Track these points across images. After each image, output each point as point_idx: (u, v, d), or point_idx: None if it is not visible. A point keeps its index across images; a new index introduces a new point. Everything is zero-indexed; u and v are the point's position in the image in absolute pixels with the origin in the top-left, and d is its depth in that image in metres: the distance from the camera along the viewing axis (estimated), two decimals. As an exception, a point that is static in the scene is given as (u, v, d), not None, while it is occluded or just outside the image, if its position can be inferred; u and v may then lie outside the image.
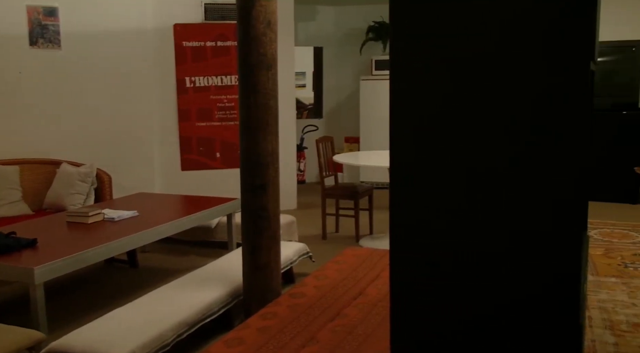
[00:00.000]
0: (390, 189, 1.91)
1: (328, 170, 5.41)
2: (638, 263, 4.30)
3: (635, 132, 6.41)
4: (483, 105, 1.77)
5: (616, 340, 3.02)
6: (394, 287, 1.92)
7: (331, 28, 8.15)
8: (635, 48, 6.48)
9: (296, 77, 7.82)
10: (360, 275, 3.62)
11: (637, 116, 6.41)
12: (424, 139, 1.84)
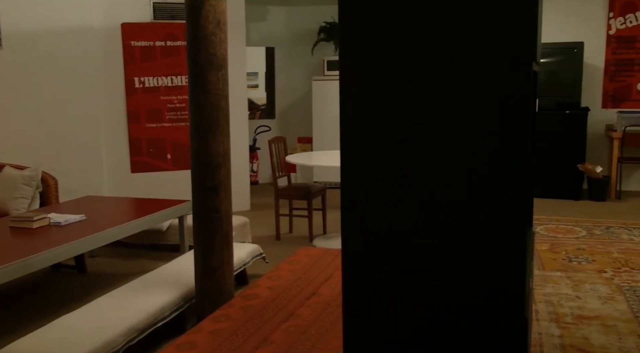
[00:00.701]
0: (342, 189, 1.92)
1: (281, 171, 5.40)
2: (582, 257, 4.46)
3: (578, 131, 6.63)
4: (429, 105, 1.80)
5: (561, 332, 3.12)
6: (346, 286, 1.94)
7: (283, 28, 8.14)
8: (577, 49, 6.71)
9: (248, 77, 7.78)
10: (313, 275, 3.63)
11: (579, 115, 6.64)
12: (373, 139, 1.86)
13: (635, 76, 6.98)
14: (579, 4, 7.03)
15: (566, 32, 7.03)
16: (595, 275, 4.02)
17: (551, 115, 6.68)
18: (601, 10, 6.98)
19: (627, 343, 2.99)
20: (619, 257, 4.43)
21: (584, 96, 7.00)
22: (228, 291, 3.31)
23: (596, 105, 7.11)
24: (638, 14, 6.85)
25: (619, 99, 7.07)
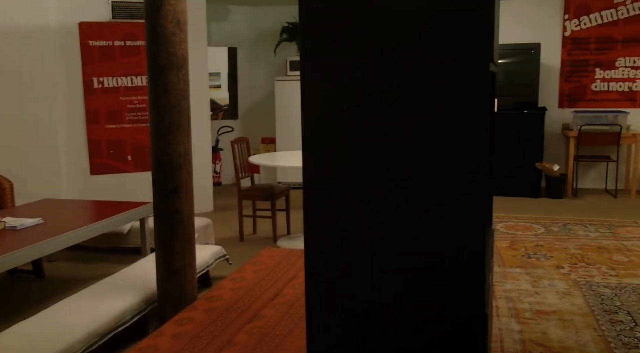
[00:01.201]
0: (304, 189, 1.92)
1: (244, 171, 5.37)
2: (540, 253, 4.56)
3: (536, 130, 6.79)
4: (388, 105, 1.81)
5: (521, 327, 3.19)
6: (309, 285, 1.94)
7: (245, 28, 8.10)
8: (533, 50, 6.87)
9: (211, 77, 7.72)
10: (277, 275, 3.62)
11: (537, 115, 6.79)
12: (334, 139, 1.86)
13: (589, 76, 7.18)
14: (535, 6, 7.19)
15: (523, 33, 7.19)
16: (553, 271, 4.12)
17: (510, 115, 6.82)
18: (557, 12, 7.16)
19: (583, 336, 3.07)
20: (576, 253, 4.55)
21: (541, 96, 7.17)
22: (191, 294, 3.28)
23: (553, 105, 7.28)
24: (592, 16, 7.05)
25: (575, 99, 7.26)
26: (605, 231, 5.21)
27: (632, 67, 7.05)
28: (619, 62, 7.07)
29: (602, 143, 6.73)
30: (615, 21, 7.00)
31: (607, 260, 4.37)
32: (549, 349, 2.92)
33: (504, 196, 6.84)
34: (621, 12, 6.97)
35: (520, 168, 6.84)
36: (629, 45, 7.02)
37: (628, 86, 7.10)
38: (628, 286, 3.81)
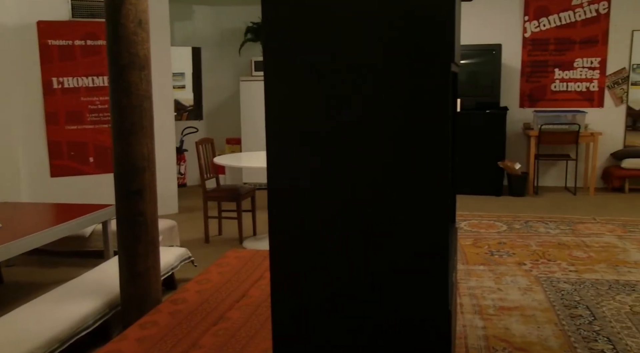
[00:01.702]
0: (269, 190, 1.92)
1: (209, 172, 5.32)
2: (503, 251, 4.64)
3: (498, 129, 6.91)
4: (350, 105, 1.82)
5: (484, 323, 3.24)
6: (274, 286, 1.93)
7: (209, 28, 8.03)
8: (495, 51, 6.99)
9: (175, 78, 7.63)
10: (243, 276, 3.60)
11: (499, 114, 6.91)
12: (298, 139, 1.86)
13: (549, 76, 7.34)
14: (496, 8, 7.32)
15: (485, 34, 7.31)
16: (515, 268, 4.20)
17: (472, 114, 6.92)
18: (517, 13, 7.30)
19: (544, 331, 3.14)
20: (537, 250, 4.64)
21: (503, 96, 7.30)
22: (155, 297, 3.24)
23: (514, 104, 7.43)
24: (550, 18, 7.21)
25: (535, 99, 7.42)
26: (565, 228, 5.33)
27: (589, 67, 7.24)
28: (577, 63, 7.25)
29: (562, 141, 6.89)
30: (573, 23, 7.17)
31: (567, 256, 4.48)
32: (511, 344, 2.98)
33: (467, 194, 6.94)
34: (579, 14, 7.15)
35: (483, 167, 6.95)
36: (587, 46, 7.20)
37: (586, 86, 7.29)
38: (587, 281, 3.91)
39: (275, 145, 1.90)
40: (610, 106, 7.29)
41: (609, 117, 7.29)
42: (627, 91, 7.23)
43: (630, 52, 7.15)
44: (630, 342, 2.99)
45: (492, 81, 7.02)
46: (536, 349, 2.92)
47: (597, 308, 3.45)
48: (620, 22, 7.10)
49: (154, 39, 5.23)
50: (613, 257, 4.42)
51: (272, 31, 1.85)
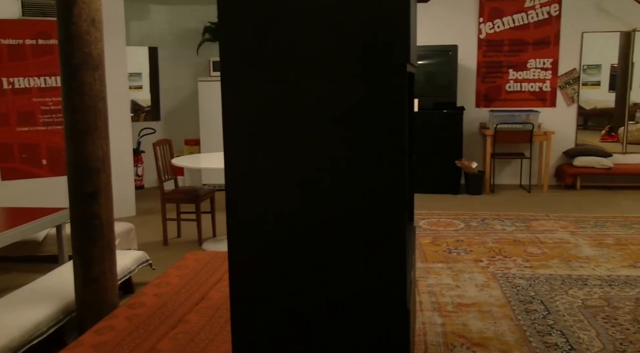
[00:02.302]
0: (226, 191, 1.90)
1: (167, 174, 5.25)
2: (460, 248, 4.72)
3: (455, 129, 7.02)
4: (308, 106, 1.82)
5: (443, 320, 3.29)
6: (233, 288, 1.92)
7: (166, 28, 7.91)
8: (451, 52, 7.10)
9: (131, 78, 7.50)
10: (202, 279, 3.57)
11: (456, 114, 7.03)
12: (255, 139, 1.85)
13: (503, 77, 7.50)
14: (452, 9, 7.44)
15: (442, 35, 7.42)
16: (472, 265, 4.28)
17: (430, 114, 7.02)
18: (472, 15, 7.44)
19: (501, 327, 3.20)
20: (494, 247, 4.74)
21: (459, 96, 7.42)
22: (111, 302, 3.17)
23: (470, 104, 7.56)
24: (504, 20, 7.37)
25: (490, 98, 7.57)
26: (520, 225, 5.46)
27: (542, 68, 7.42)
28: (530, 64, 7.43)
29: (516, 140, 7.04)
30: (526, 24, 7.35)
31: (522, 252, 4.58)
32: (469, 340, 3.03)
33: (426, 193, 7.03)
34: (531, 16, 7.32)
35: (441, 166, 7.06)
36: (539, 47, 7.39)
37: (539, 87, 7.47)
38: (541, 276, 4.01)
39: (232, 145, 1.88)
40: (562, 105, 7.50)
41: (561, 116, 7.49)
42: (578, 91, 7.45)
43: (580, 53, 7.37)
44: (582, 334, 3.08)
45: (449, 82, 7.13)
46: (493, 344, 2.98)
47: (551, 302, 3.54)
48: (571, 24, 7.31)
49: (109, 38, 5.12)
50: (566, 253, 4.55)
51: (229, 31, 1.84)
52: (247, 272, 1.91)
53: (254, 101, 1.84)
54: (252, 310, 1.92)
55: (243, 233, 1.90)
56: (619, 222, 5.50)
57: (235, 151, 1.88)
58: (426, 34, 7.29)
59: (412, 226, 2.70)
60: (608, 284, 3.83)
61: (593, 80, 7.44)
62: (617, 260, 4.34)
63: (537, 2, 7.28)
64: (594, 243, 4.80)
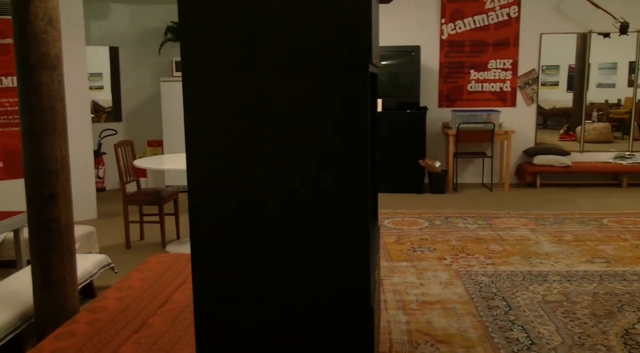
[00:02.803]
0: (189, 192, 1.88)
1: (129, 176, 5.17)
2: (424, 247, 4.78)
3: (418, 128, 7.09)
4: (269, 107, 1.82)
5: (407, 318, 3.32)
6: (196, 290, 1.90)
7: (127, 27, 7.79)
8: (414, 53, 7.17)
9: (92, 78, 7.36)
10: (166, 281, 3.52)
11: (419, 114, 7.10)
12: (217, 141, 1.84)
13: (465, 77, 7.61)
14: (415, 10, 7.51)
15: (404, 36, 7.48)
16: (436, 263, 4.33)
17: (394, 114, 7.07)
18: (434, 16, 7.53)
19: (464, 323, 3.25)
20: (457, 245, 4.80)
21: (422, 96, 7.50)
22: (72, 307, 3.10)
23: (433, 104, 7.65)
24: (466, 21, 7.48)
25: (453, 99, 7.67)
26: (482, 223, 5.55)
27: (502, 69, 7.56)
28: (490, 64, 7.56)
29: (478, 140, 7.16)
30: (486, 26, 7.48)
31: (485, 250, 4.66)
32: (433, 337, 3.06)
33: (390, 192, 7.08)
34: (491, 17, 7.45)
35: (405, 166, 7.12)
36: (499, 48, 7.52)
37: (499, 87, 7.61)
38: (503, 273, 4.08)
39: (194, 147, 1.86)
40: (522, 105, 7.66)
41: (521, 116, 7.65)
42: (537, 91, 7.61)
43: (539, 54, 7.53)
44: (542, 329, 3.15)
45: (412, 82, 7.20)
46: (456, 341, 3.02)
47: (512, 298, 3.61)
48: (530, 26, 7.47)
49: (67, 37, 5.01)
50: (526, 249, 4.64)
51: (190, 31, 1.82)
52: (211, 274, 1.90)
53: (215, 102, 1.83)
54: (215, 312, 1.91)
55: (206, 235, 1.88)
56: (577, 219, 5.65)
57: (198, 153, 1.86)
58: (389, 35, 7.34)
59: (376, 225, 2.71)
60: (567, 279, 3.93)
61: (551, 80, 7.61)
62: (575, 256, 4.45)
63: (497, 3, 7.41)
64: (553, 239, 4.92)
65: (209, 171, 1.86)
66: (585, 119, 7.63)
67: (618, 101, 7.60)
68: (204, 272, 1.90)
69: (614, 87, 7.57)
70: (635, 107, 7.57)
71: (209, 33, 1.81)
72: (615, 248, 4.65)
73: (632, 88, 7.54)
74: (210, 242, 1.89)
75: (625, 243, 4.79)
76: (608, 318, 3.28)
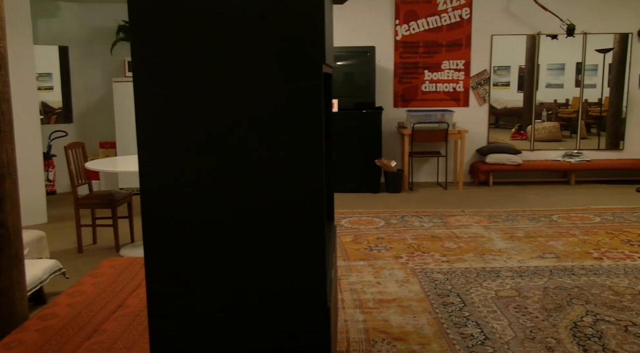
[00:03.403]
0: (141, 194, 1.85)
1: (81, 178, 5.04)
2: (381, 245, 4.82)
3: (374, 128, 7.15)
4: (223, 108, 1.80)
5: (365, 317, 3.34)
6: (150, 294, 1.87)
7: (77, 26, 7.60)
8: (369, 53, 7.23)
9: (41, 79, 7.15)
10: (119, 286, 3.45)
11: (375, 114, 7.16)
12: (169, 143, 1.81)
13: (419, 78, 7.72)
14: (369, 11, 7.58)
15: (360, 37, 7.53)
16: (393, 261, 4.38)
17: (350, 114, 7.11)
18: (388, 17, 7.61)
19: (420, 320, 3.29)
20: (412, 243, 4.87)
21: (378, 96, 7.57)
22: (21, 314, 3.01)
23: (389, 104, 7.73)
24: (419, 22, 7.59)
25: (407, 99, 7.77)
26: (437, 221, 5.63)
27: (455, 69, 7.70)
28: (444, 65, 7.68)
29: (433, 139, 7.27)
30: (439, 27, 7.60)
31: (440, 247, 4.73)
32: (390, 335, 3.09)
33: (347, 192, 7.12)
34: (444, 18, 7.58)
35: (361, 165, 7.17)
36: (452, 49, 7.66)
37: (452, 87, 7.75)
38: (457, 270, 4.16)
39: (147, 148, 1.83)
40: (475, 105, 7.81)
41: (474, 115, 7.80)
42: (489, 91, 7.78)
43: (490, 55, 7.70)
44: (495, 324, 3.22)
45: (368, 82, 7.26)
46: (412, 338, 3.06)
47: (466, 295, 3.67)
48: (481, 27, 7.62)
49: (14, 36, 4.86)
50: (480, 246, 4.74)
51: (140, 30, 1.79)
52: (165, 277, 1.87)
53: (167, 102, 1.80)
54: (170, 316, 1.88)
55: (159, 237, 1.85)
56: (528, 216, 5.80)
57: (150, 155, 1.83)
58: (344, 36, 7.38)
59: (332, 225, 2.72)
60: (519, 275, 4.03)
61: (503, 81, 7.79)
62: (526, 252, 4.57)
63: (450, 5, 7.54)
64: (505, 236, 5.03)
65: (161, 172, 1.83)
66: (535, 118, 7.84)
67: (566, 100, 7.83)
68: (158, 275, 1.87)
69: (562, 87, 7.81)
70: (582, 107, 7.82)
71: (159, 33, 1.78)
72: (565, 243, 4.79)
73: (579, 88, 7.78)
74: (164, 245, 1.86)
75: (573, 238, 4.94)
76: (558, 311, 3.38)
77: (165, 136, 1.81)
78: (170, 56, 1.79)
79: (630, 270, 4.10)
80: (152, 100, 1.81)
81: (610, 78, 7.75)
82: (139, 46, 1.79)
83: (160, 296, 1.88)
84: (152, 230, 1.85)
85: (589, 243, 4.80)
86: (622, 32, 7.66)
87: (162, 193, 1.84)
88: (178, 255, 1.86)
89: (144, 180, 1.84)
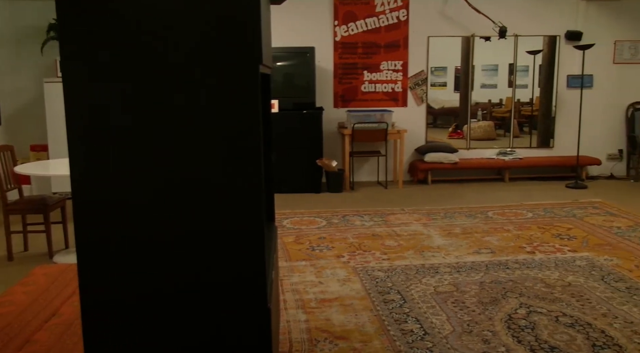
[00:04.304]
0: (73, 199, 1.79)
1: (10, 183, 4.83)
2: (323, 245, 4.84)
3: (315, 129, 7.18)
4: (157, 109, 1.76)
5: (307, 316, 3.35)
6: (84, 301, 1.80)
7: (4, 24, 7.27)
8: (309, 54, 7.25)
9: (-35, 79, 6.80)
10: (52, 294, 3.32)
11: (315, 114, 7.18)
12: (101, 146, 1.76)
13: (359, 78, 7.80)
14: (308, 12, 7.59)
15: (299, 37, 7.54)
16: (334, 261, 4.40)
17: (290, 115, 7.11)
18: (327, 18, 7.65)
19: (361, 318, 3.32)
20: (354, 242, 4.91)
21: (318, 97, 7.59)
22: (-55, 327, 2.85)
23: (329, 105, 7.77)
24: (358, 23, 7.66)
25: (347, 99, 7.83)
26: (378, 219, 5.71)
27: (393, 70, 7.82)
28: (383, 66, 7.79)
29: (373, 139, 7.36)
30: (378, 28, 7.70)
31: (380, 245, 4.80)
32: (332, 334, 3.11)
33: (288, 193, 7.11)
34: (382, 20, 7.68)
35: (303, 166, 7.18)
36: (390, 50, 7.77)
37: (391, 87, 7.86)
38: (398, 267, 4.22)
39: (77, 152, 1.77)
40: (413, 105, 7.96)
41: (412, 115, 7.94)
42: (427, 91, 7.94)
43: (427, 56, 7.86)
44: (434, 319, 3.29)
45: (308, 83, 7.27)
46: (354, 336, 3.09)
47: (406, 291, 3.74)
48: (418, 29, 7.77)
49: None
50: (419, 244, 4.83)
51: (69, 29, 1.73)
52: (98, 283, 1.81)
53: (98, 103, 1.75)
54: (105, 323, 1.82)
55: (92, 242, 1.80)
56: (465, 213, 5.95)
57: (81, 158, 1.77)
58: (283, 36, 7.37)
59: (272, 226, 2.71)
60: (456, 271, 4.13)
61: (440, 81, 7.97)
62: (464, 248, 4.69)
63: (387, 7, 7.65)
64: (444, 233, 5.15)
65: (93, 176, 1.77)
66: (471, 118, 8.06)
67: (500, 100, 8.09)
68: (91, 282, 1.81)
69: (496, 87, 8.06)
70: (515, 107, 8.10)
71: (89, 33, 1.73)
72: (500, 239, 4.95)
73: (512, 88, 8.06)
74: (98, 248, 1.80)
75: (508, 233, 5.11)
76: (493, 305, 3.49)
77: (96, 140, 1.76)
78: (100, 56, 1.73)
79: (560, 263, 4.27)
80: (81, 103, 1.75)
81: (541, 79, 8.06)
82: (68, 45, 1.73)
83: (95, 304, 1.82)
84: (85, 235, 1.80)
85: (522, 237, 4.97)
86: (551, 35, 7.98)
87: (95, 195, 1.78)
88: (112, 261, 1.81)
89: (75, 185, 1.78)
